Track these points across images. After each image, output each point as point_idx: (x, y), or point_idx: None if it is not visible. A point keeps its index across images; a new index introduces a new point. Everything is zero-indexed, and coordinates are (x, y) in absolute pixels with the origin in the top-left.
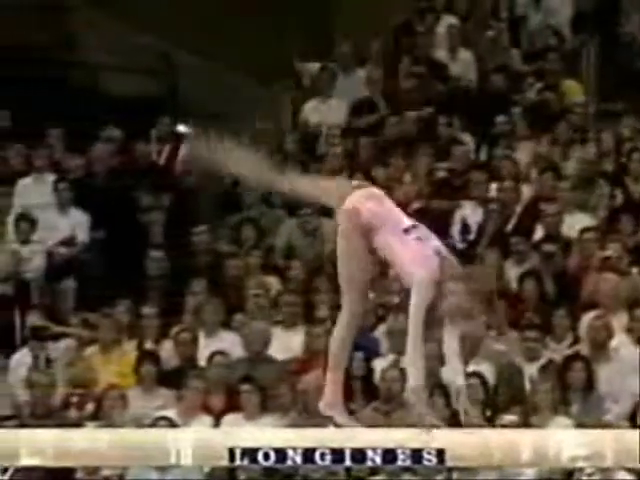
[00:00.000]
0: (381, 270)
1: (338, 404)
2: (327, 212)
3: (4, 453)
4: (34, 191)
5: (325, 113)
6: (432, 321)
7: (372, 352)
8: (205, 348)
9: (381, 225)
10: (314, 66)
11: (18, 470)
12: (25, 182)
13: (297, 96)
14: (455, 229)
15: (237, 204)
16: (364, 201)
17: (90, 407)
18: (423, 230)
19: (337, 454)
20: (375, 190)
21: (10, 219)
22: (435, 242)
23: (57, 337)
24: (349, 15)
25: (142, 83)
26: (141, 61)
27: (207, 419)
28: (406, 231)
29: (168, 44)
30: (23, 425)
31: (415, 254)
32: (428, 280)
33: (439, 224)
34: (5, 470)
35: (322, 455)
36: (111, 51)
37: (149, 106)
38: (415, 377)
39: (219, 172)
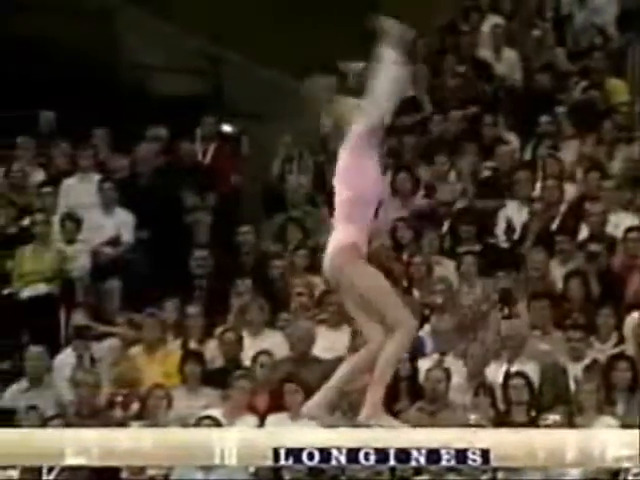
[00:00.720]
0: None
1: (378, 416)
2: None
3: (50, 453)
4: (79, 191)
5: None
6: None
7: (417, 352)
8: (250, 348)
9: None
10: (358, 65)
11: (63, 470)
12: (70, 182)
13: (343, 95)
14: (499, 229)
15: (282, 204)
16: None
17: (135, 407)
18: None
19: (381, 454)
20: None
21: (56, 219)
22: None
23: (101, 337)
24: (394, 14)
25: (187, 83)
26: (186, 61)
27: (252, 419)
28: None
29: (213, 44)
30: (68, 425)
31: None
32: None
33: (483, 224)
34: (51, 469)
35: (366, 455)
36: (156, 51)
37: (194, 105)
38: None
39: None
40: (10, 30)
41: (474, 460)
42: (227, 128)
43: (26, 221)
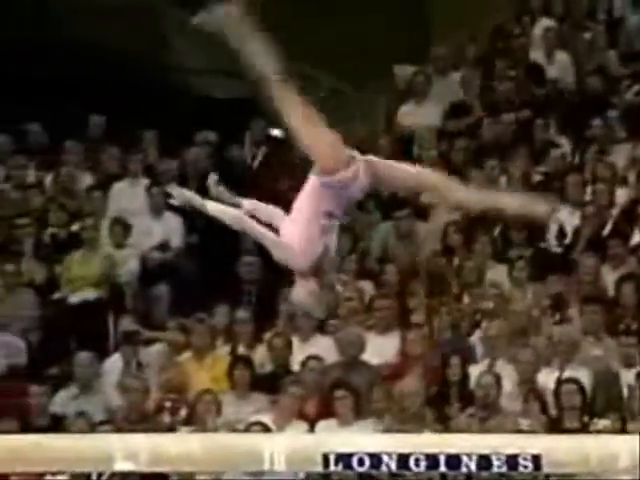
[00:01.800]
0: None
1: None
2: (422, 215)
3: (99, 458)
4: (128, 195)
5: (420, 116)
6: None
7: (467, 357)
8: (299, 353)
9: (324, 188)
10: (409, 69)
11: (112, 475)
12: (120, 186)
13: (392, 99)
14: (551, 233)
15: None
16: (339, 165)
17: (183, 412)
18: (334, 222)
19: (432, 460)
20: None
21: (105, 223)
22: (332, 237)
23: (150, 342)
24: (445, 18)
25: (236, 86)
26: (236, 64)
27: (301, 425)
28: (324, 214)
29: None
30: (117, 430)
31: (304, 243)
32: (292, 259)
33: (535, 228)
34: (100, 475)
35: (417, 461)
36: (206, 54)
37: (243, 109)
38: None
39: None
40: (59, 34)
41: (525, 466)
42: (276, 132)
43: (75, 226)
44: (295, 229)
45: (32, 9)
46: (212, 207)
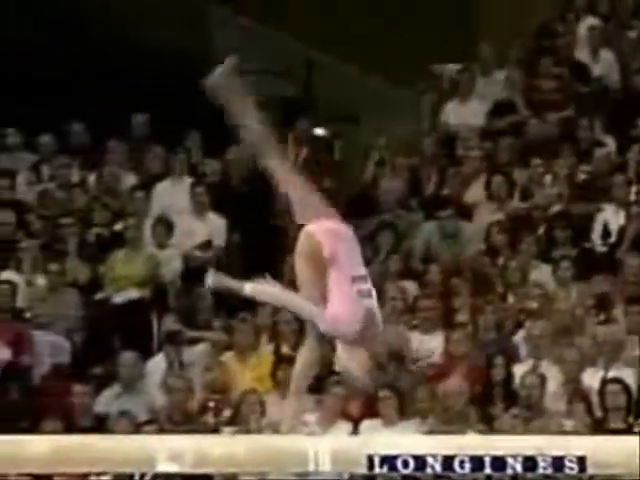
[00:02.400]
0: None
1: (297, 426)
2: (466, 214)
3: (142, 458)
4: (171, 195)
5: (464, 115)
6: None
7: (511, 357)
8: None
9: (336, 263)
10: (454, 68)
11: (156, 476)
12: (163, 186)
13: (436, 98)
14: (596, 232)
15: (374, 207)
16: (329, 236)
17: (227, 412)
18: (367, 285)
19: (477, 461)
20: (341, 226)
21: (148, 223)
22: (371, 301)
23: (193, 342)
24: (489, 16)
25: (280, 85)
26: (279, 63)
27: (345, 425)
28: (353, 280)
29: (306, 46)
30: (161, 430)
31: (345, 307)
32: (331, 332)
33: (580, 227)
34: (143, 476)
35: (461, 462)
36: (249, 53)
37: (286, 108)
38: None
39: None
40: (102, 33)
41: (571, 468)
42: (319, 131)
43: (119, 225)
44: (333, 300)
45: (74, 10)
46: (250, 288)
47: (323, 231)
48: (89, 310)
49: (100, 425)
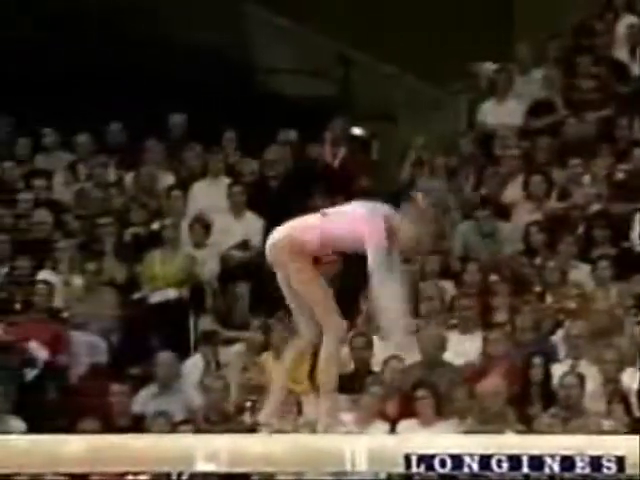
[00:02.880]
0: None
1: (335, 424)
2: (504, 214)
3: (179, 458)
4: (209, 194)
5: (502, 114)
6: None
7: (550, 357)
8: (380, 353)
9: (316, 238)
10: (491, 67)
11: (193, 475)
12: (200, 185)
13: (474, 97)
14: (635, 232)
15: None
16: (300, 232)
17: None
18: (337, 209)
19: (514, 461)
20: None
21: (185, 223)
22: (362, 209)
23: (230, 342)
24: (527, 15)
25: (316, 84)
26: (316, 62)
27: (382, 425)
28: (324, 215)
29: (343, 45)
30: (198, 430)
31: (356, 225)
32: (375, 243)
33: (618, 227)
34: (180, 475)
35: (499, 462)
36: (287, 53)
37: (323, 108)
38: (389, 309)
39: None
40: (140, 32)
41: (609, 468)
42: (357, 131)
43: (155, 225)
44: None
45: (113, 9)
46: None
47: (296, 233)
48: (126, 310)
49: (137, 425)
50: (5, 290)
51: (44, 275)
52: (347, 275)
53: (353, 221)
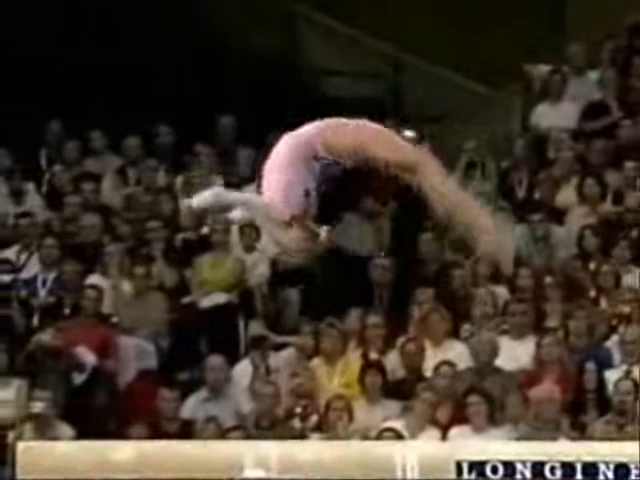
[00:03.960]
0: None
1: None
2: (558, 218)
3: (229, 464)
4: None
5: (556, 117)
6: None
7: (604, 363)
8: (431, 358)
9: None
10: (545, 69)
11: None
12: (250, 189)
13: (527, 99)
14: None
15: None
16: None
17: (314, 418)
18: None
19: (568, 468)
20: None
21: (235, 227)
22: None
23: (279, 347)
24: (581, 16)
25: (367, 86)
26: (366, 64)
27: (434, 431)
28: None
29: (394, 46)
30: (248, 436)
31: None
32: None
33: None
34: None
35: (552, 469)
36: (336, 55)
37: (374, 109)
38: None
39: None
40: (191, 35)
41: None
42: (407, 133)
43: (205, 229)
44: (272, 179)
45: (166, 13)
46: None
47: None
48: (175, 314)
49: (186, 431)
50: (54, 295)
51: (93, 280)
52: (398, 281)
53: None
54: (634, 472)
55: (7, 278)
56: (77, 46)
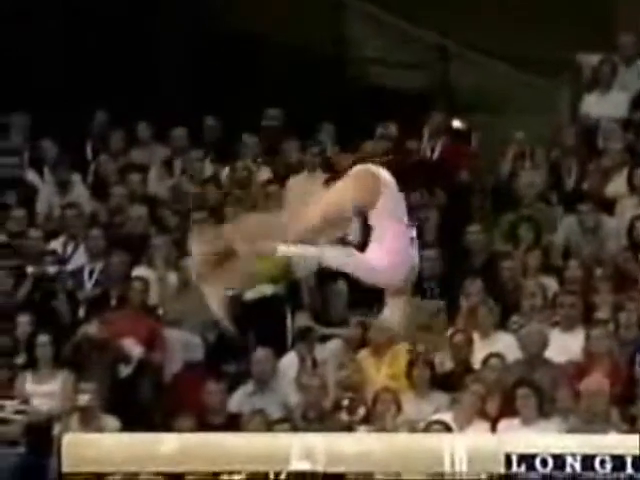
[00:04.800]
0: None
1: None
2: (607, 208)
3: (276, 457)
4: (305, 189)
5: (605, 106)
6: None
7: None
8: (480, 350)
9: (389, 203)
10: (595, 58)
11: (290, 475)
12: (297, 179)
13: (577, 89)
14: None
15: (513, 201)
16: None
17: (362, 411)
18: (413, 234)
19: (618, 461)
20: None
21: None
22: (415, 251)
23: (326, 339)
24: (631, 4)
25: (415, 76)
26: (415, 54)
27: (483, 424)
28: (407, 227)
29: (442, 36)
30: (294, 428)
31: (401, 248)
32: (385, 273)
33: None
34: (277, 475)
35: (602, 462)
36: (383, 44)
37: (422, 100)
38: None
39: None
40: (237, 27)
41: None
42: (456, 123)
43: None
44: (381, 244)
45: (210, 6)
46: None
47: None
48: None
49: (233, 423)
50: (100, 286)
51: (139, 271)
52: (448, 272)
53: None
54: None
55: (53, 270)
56: (124, 36)
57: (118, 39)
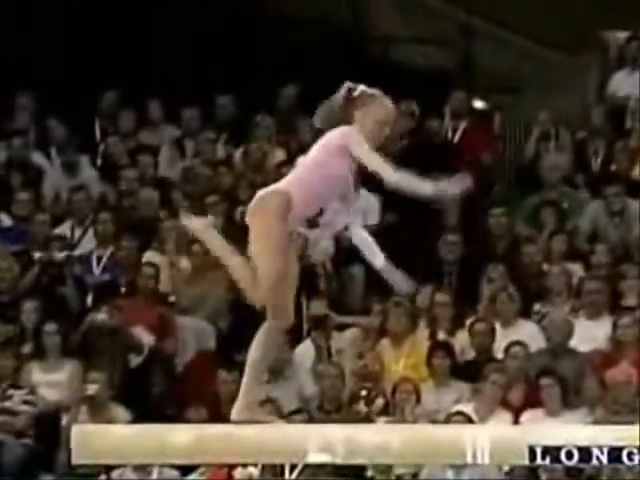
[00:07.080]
0: None
1: (250, 415)
2: (635, 192)
3: (292, 449)
4: None
5: (633, 85)
6: None
7: None
8: (502, 339)
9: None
10: (622, 35)
11: (306, 466)
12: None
13: (603, 67)
14: None
15: (537, 184)
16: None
17: (380, 401)
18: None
19: None
20: None
21: None
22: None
23: (343, 327)
24: None
25: (437, 54)
26: (436, 31)
27: (505, 415)
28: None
29: (464, 12)
30: (311, 419)
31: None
32: None
33: None
34: (293, 467)
35: (629, 454)
36: (404, 21)
37: (444, 79)
38: None
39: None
40: (251, 3)
41: None
42: (479, 104)
43: None
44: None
45: None
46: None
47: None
48: (235, 294)
49: None
50: (109, 272)
51: (150, 256)
52: (469, 257)
53: None
54: None
55: (60, 255)
56: (135, 16)
57: (128, 16)
